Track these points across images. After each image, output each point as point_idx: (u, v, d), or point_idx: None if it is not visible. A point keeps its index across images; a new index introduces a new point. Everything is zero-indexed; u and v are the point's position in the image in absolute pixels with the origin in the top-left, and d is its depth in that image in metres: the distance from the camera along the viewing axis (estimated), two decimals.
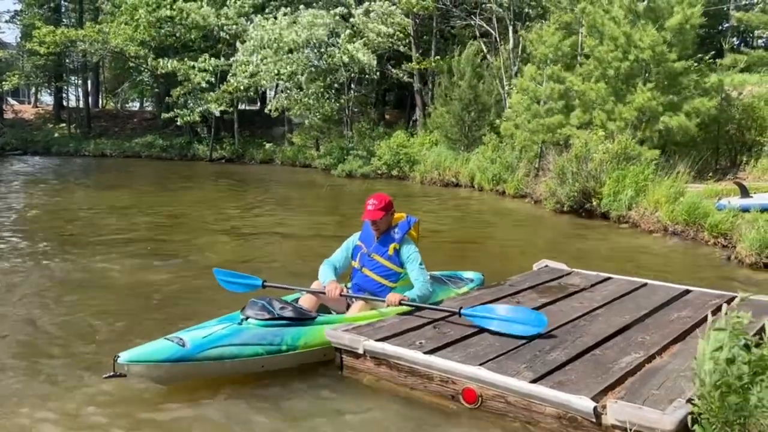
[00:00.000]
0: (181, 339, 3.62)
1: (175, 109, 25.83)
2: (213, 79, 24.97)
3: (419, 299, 4.31)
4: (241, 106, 30.55)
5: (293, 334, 3.89)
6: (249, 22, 23.93)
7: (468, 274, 5.42)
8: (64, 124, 31.95)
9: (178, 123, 26.46)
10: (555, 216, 11.93)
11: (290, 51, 22.30)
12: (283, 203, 13.99)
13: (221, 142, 27.74)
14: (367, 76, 22.42)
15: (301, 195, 15.79)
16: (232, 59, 23.97)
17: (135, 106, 41.53)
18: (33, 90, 39.53)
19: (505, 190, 15.22)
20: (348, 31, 21.65)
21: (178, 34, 26.56)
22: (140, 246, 8.21)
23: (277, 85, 23.94)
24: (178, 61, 25.07)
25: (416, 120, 24.15)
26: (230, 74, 23.79)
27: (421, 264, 4.45)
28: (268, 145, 27.10)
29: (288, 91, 22.98)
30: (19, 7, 34.91)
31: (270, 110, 23.26)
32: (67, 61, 30.88)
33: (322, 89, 22.59)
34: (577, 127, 13.63)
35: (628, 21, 12.66)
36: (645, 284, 5.26)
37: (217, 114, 25.66)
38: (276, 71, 22.11)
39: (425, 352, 3.53)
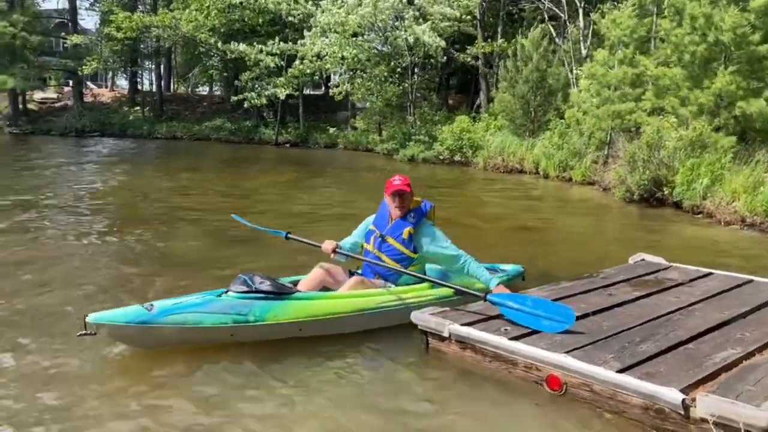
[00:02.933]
0: (152, 305, 3.80)
1: (243, 93, 26.45)
2: (281, 62, 25.41)
3: (478, 276, 4.50)
4: (306, 91, 30.94)
5: (263, 306, 3.96)
6: (316, 8, 24.16)
7: (505, 266, 5.20)
8: (138, 108, 33.24)
9: (245, 106, 27.11)
10: (624, 204, 11.61)
11: (354, 35, 22.43)
12: (345, 187, 14.17)
13: (286, 126, 28.25)
14: (432, 60, 22.29)
15: (362, 179, 15.95)
16: (299, 41, 24.28)
17: (204, 90, 42.80)
18: (110, 74, 41.29)
19: (571, 177, 14.90)
20: (412, 13, 21.49)
21: (246, 19, 27.11)
22: (209, 224, 8.51)
23: (342, 71, 24.09)
24: (248, 45, 25.60)
25: (480, 104, 23.87)
26: (297, 58, 24.13)
27: (449, 241, 4.53)
28: (331, 130, 27.45)
29: (351, 75, 23.15)
30: None
31: (334, 94, 23.49)
32: (141, 46, 31.97)
33: (385, 73, 22.62)
34: (647, 113, 13.17)
35: (709, 1, 12.07)
36: (750, 281, 5.05)
37: (283, 98, 26.12)
38: (341, 55, 22.28)
39: (510, 338, 3.61)
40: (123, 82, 42.71)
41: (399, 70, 23.15)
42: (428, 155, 19.99)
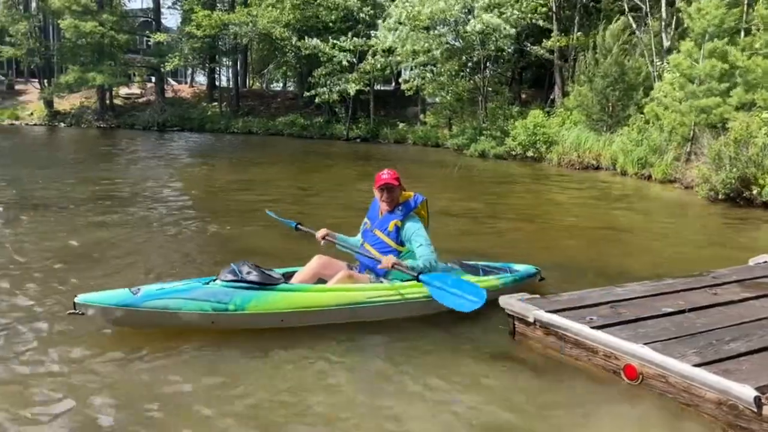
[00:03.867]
0: (138, 288, 3.90)
1: (315, 89, 26.92)
2: (353, 58, 25.68)
3: (424, 267, 4.30)
4: (377, 87, 31.14)
5: (244, 296, 3.98)
6: (388, 4, 24.27)
7: (518, 267, 5.16)
8: (216, 103, 34.42)
9: (317, 102, 27.59)
10: (708, 204, 11.07)
11: (426, 29, 22.36)
12: (415, 182, 14.11)
13: (357, 121, 28.56)
14: (504, 53, 21.91)
15: (432, 174, 15.88)
16: (373, 34, 24.46)
17: (278, 86, 43.80)
18: (189, 71, 42.90)
19: (651, 175, 14.33)
20: (482, 2, 21.07)
21: (320, 16, 27.56)
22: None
23: (413, 66, 24.08)
24: (321, 41, 26.02)
25: (554, 99, 23.30)
26: (368, 53, 24.32)
27: (426, 240, 4.41)
28: (401, 125, 27.54)
29: (423, 69, 23.11)
30: None
31: (404, 88, 23.52)
32: (219, 43, 33.05)
33: (456, 68, 22.45)
34: (735, 108, 12.47)
35: None
36: None
37: (353, 94, 26.40)
38: (412, 49, 22.28)
39: (592, 327, 3.66)
40: (201, 79, 44.37)
41: (470, 64, 22.92)
42: (500, 151, 19.71)
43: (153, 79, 36.00)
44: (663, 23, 17.99)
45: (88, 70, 30.25)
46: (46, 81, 34.27)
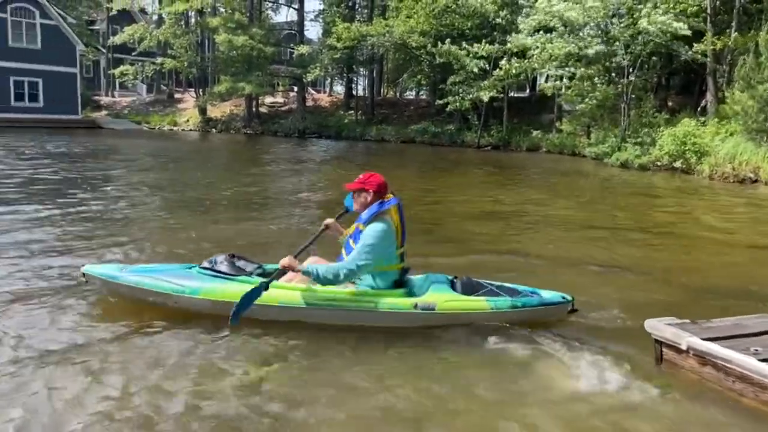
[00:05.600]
0: (128, 266, 4.50)
1: (448, 97, 27.04)
2: (487, 65, 25.50)
3: (320, 275, 3.96)
4: (510, 94, 30.67)
5: (203, 282, 4.21)
6: (525, 9, 23.84)
7: (546, 293, 4.41)
8: (352, 111, 35.69)
9: (449, 109, 27.69)
10: None
11: (570, 32, 21.67)
12: (550, 192, 13.75)
13: (489, 129, 28.28)
14: (653, 58, 20.66)
15: (568, 184, 15.34)
16: (509, 38, 24.14)
17: (411, 94, 44.52)
18: (328, 80, 44.83)
19: None
20: (643, 5, 19.94)
21: (455, 24, 27.68)
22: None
23: (548, 75, 23.44)
24: (456, 48, 26.12)
25: (706, 106, 21.59)
26: (504, 56, 24.04)
27: (365, 248, 3.98)
28: (535, 133, 26.88)
29: (563, 72, 22.42)
30: (321, 6, 39.97)
31: (544, 88, 22.93)
32: (357, 54, 34.23)
33: (599, 73, 21.53)
34: None
35: None
36: None
37: (486, 101, 26.19)
38: (550, 53, 21.69)
39: (761, 359, 3.30)
40: (339, 88, 46.25)
41: (613, 69, 21.88)
42: (644, 161, 18.61)
43: (295, 88, 38.02)
44: None
45: (238, 80, 32.57)
46: (201, 90, 37.36)
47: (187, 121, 36.54)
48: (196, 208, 9.41)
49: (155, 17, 39.48)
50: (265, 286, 3.92)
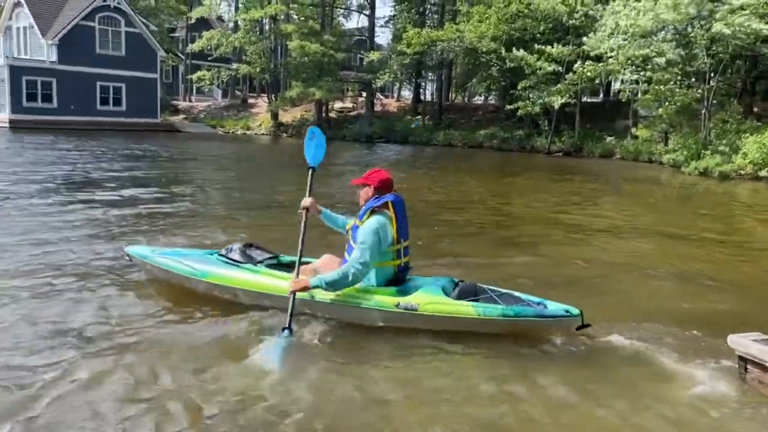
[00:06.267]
0: (163, 249, 5.01)
1: (518, 102, 26.61)
2: (560, 68, 24.94)
3: (329, 284, 3.98)
4: (583, 99, 29.87)
5: (212, 267, 4.52)
6: (600, 11, 23.16)
7: (552, 305, 4.08)
8: (419, 116, 35.67)
9: (519, 114, 27.23)
10: None
11: (643, 36, 20.88)
12: (624, 199, 13.27)
13: (560, 135, 27.63)
14: (737, 61, 19.56)
15: (644, 192, 14.74)
16: (584, 40, 23.51)
17: (480, 99, 44.14)
18: (397, 86, 45.06)
19: None
20: (726, 6, 18.98)
21: (527, 28, 27.23)
22: (471, 222, 8.69)
23: (627, 75, 22.64)
24: (528, 52, 25.69)
25: None
26: (578, 59, 23.43)
27: (365, 244, 3.97)
28: (608, 139, 26.07)
29: (638, 79, 21.63)
30: (392, 12, 40.27)
31: (620, 90, 22.18)
32: (426, 59, 34.24)
33: (678, 77, 20.64)
34: None
35: None
36: None
37: (557, 107, 25.61)
38: (626, 58, 20.98)
39: None
40: (406, 93, 46.38)
41: (693, 74, 20.93)
42: (726, 169, 17.67)
43: (364, 93, 38.41)
44: None
45: (309, 85, 33.23)
46: (273, 96, 38.34)
47: (260, 125, 37.54)
48: (258, 206, 9.68)
49: (231, 24, 40.84)
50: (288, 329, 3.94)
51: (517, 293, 4.23)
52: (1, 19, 35.67)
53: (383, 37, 65.18)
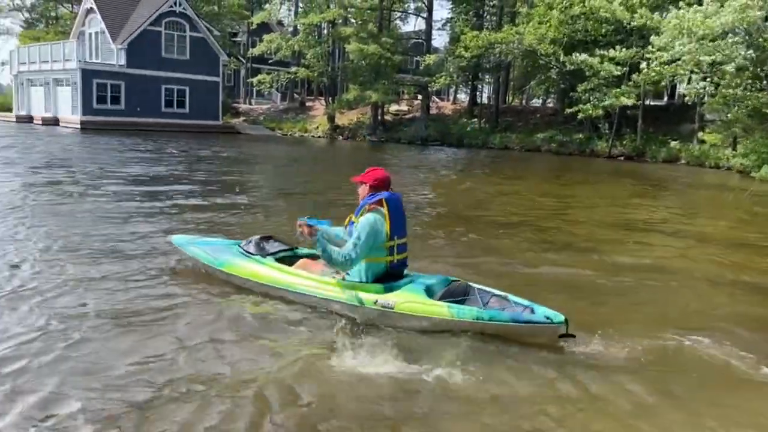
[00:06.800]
0: (198, 238, 5.40)
1: (578, 104, 26.05)
2: (622, 70, 24.27)
3: (331, 255, 4.17)
4: (646, 101, 28.98)
5: (229, 257, 4.85)
6: (662, 14, 22.41)
7: (541, 310, 3.95)
8: (475, 119, 35.41)
9: (579, 117, 26.65)
10: None
11: (713, 39, 20.09)
12: (690, 205, 12.80)
13: (622, 138, 26.89)
14: None
15: (711, 198, 14.21)
16: (646, 47, 22.79)
17: (538, 102, 43.45)
18: (453, 88, 44.85)
19: None
20: None
21: (588, 29, 26.63)
22: (527, 228, 8.54)
23: (694, 78, 21.83)
24: (589, 55, 25.12)
25: None
26: (642, 64, 22.71)
27: (359, 239, 4.11)
28: (672, 143, 25.20)
29: (708, 80, 20.82)
30: (449, 15, 40.15)
31: (688, 93, 21.39)
32: (483, 61, 33.94)
33: (750, 80, 19.76)
34: None
35: None
36: None
37: (617, 111, 24.92)
38: (693, 61, 20.22)
39: None
40: (462, 96, 46.10)
41: (765, 76, 19.99)
42: None
43: (419, 96, 38.41)
44: None
45: (365, 88, 33.47)
46: (330, 99, 38.81)
47: (317, 128, 38.06)
48: (313, 200, 9.83)
49: (291, 29, 41.60)
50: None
51: (510, 296, 4.17)
52: (75, 25, 37.46)
53: (439, 40, 65.05)
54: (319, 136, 36.72)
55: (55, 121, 33.45)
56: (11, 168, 12.62)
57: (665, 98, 33.29)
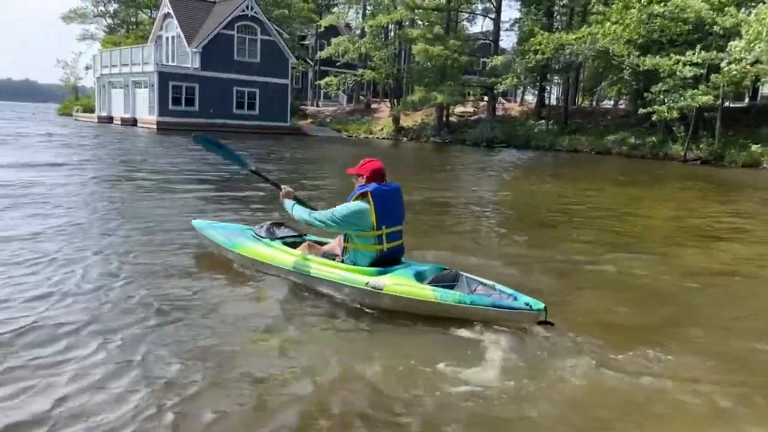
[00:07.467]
0: (218, 223, 5.75)
1: (652, 106, 25.12)
2: (701, 71, 23.25)
3: (300, 213, 4.64)
4: (725, 103, 27.64)
5: (241, 239, 5.18)
6: (749, 12, 21.32)
7: (524, 298, 4.06)
8: (542, 121, 34.72)
9: (653, 119, 25.70)
10: None
11: None
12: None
13: (698, 141, 25.72)
14: None
15: None
16: (727, 47, 21.74)
17: (609, 103, 42.18)
18: (520, 90, 44.20)
19: None
20: None
21: (665, 29, 25.62)
22: (594, 231, 8.30)
23: None
24: (664, 56, 24.19)
25: None
26: (723, 63, 21.65)
27: (335, 211, 4.39)
28: (754, 147, 23.91)
29: None
30: (518, 15, 39.60)
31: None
32: (552, 62, 33.23)
33: None
34: None
35: None
36: None
37: (700, 105, 23.80)
38: None
39: None
40: (529, 97, 45.32)
41: None
42: None
43: (485, 98, 38.05)
44: None
45: (431, 89, 33.44)
46: (395, 100, 38.99)
47: (382, 129, 38.34)
48: None
49: (358, 32, 42.08)
50: (247, 167, 5.57)
51: (497, 285, 4.31)
52: (153, 30, 39.19)
53: (507, 40, 64.25)
54: (384, 138, 36.96)
55: (133, 122, 35.12)
56: (92, 164, 13.36)
57: (746, 99, 31.64)
